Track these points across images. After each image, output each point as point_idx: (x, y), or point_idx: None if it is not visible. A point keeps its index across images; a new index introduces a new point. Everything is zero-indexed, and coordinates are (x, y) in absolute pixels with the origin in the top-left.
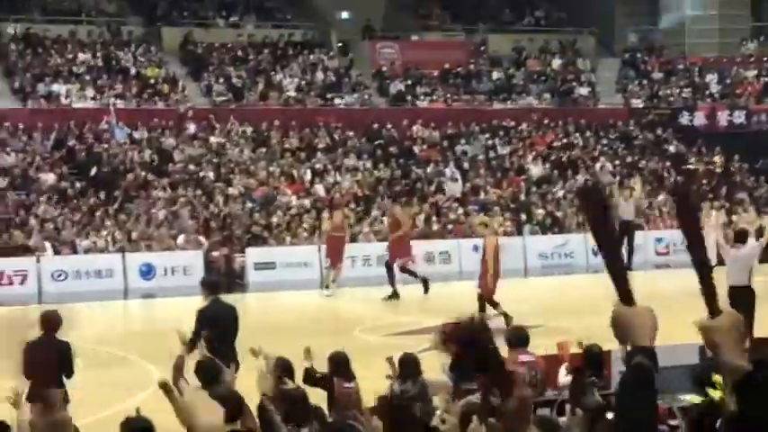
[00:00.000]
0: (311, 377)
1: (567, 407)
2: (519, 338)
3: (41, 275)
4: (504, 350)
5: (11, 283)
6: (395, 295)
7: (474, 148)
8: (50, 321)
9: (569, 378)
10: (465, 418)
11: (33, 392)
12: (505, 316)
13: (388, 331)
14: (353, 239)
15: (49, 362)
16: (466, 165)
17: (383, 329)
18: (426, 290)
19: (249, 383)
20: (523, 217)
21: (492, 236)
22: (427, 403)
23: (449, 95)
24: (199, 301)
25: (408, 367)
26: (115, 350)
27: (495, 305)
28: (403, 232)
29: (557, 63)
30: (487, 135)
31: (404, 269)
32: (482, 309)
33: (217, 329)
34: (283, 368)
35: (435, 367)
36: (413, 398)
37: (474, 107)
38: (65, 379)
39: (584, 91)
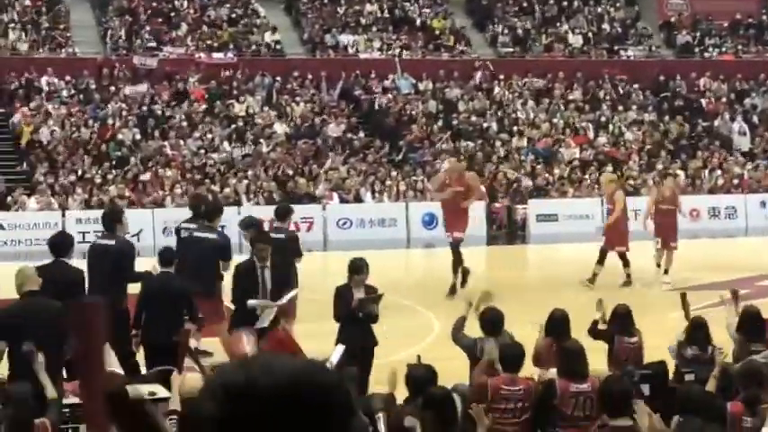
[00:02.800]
0: (595, 330)
1: None
2: None
3: (327, 223)
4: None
5: (297, 230)
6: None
7: (764, 101)
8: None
9: None
10: (746, 376)
11: None
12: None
13: (671, 286)
14: (637, 192)
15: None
16: (755, 119)
17: (664, 284)
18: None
19: None
20: None
21: (621, 191)
22: None
23: (739, 47)
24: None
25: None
26: (398, 298)
27: (626, 261)
28: (467, 205)
29: None
30: None
31: (455, 248)
32: (626, 264)
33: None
34: (561, 320)
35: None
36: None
37: (765, 59)
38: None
39: None
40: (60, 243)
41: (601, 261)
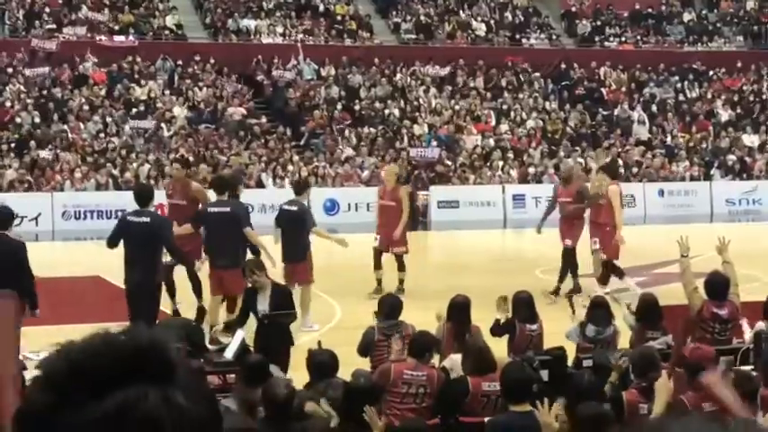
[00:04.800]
0: (496, 329)
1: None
2: (717, 287)
3: None
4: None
5: None
6: None
7: (662, 91)
8: None
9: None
10: (640, 363)
11: None
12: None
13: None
14: (539, 180)
15: None
16: (654, 108)
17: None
18: None
19: None
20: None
21: (406, 187)
22: None
23: (638, 37)
24: None
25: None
26: None
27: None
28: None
29: (751, 4)
30: (677, 78)
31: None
32: (378, 266)
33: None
34: (462, 306)
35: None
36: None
37: (664, 49)
38: None
39: None
40: None
41: (378, 265)
